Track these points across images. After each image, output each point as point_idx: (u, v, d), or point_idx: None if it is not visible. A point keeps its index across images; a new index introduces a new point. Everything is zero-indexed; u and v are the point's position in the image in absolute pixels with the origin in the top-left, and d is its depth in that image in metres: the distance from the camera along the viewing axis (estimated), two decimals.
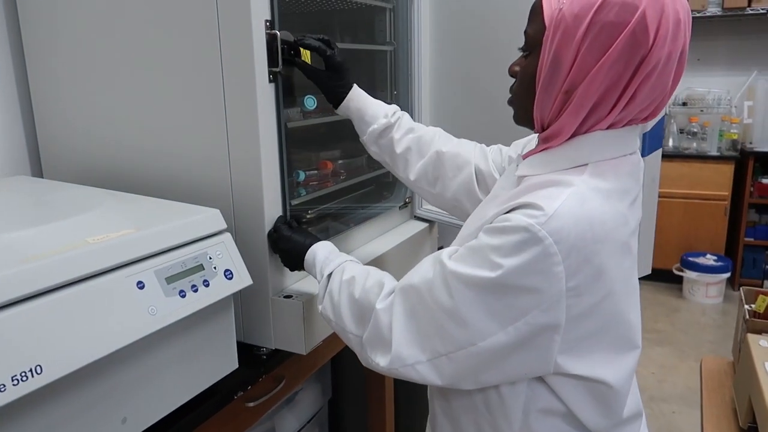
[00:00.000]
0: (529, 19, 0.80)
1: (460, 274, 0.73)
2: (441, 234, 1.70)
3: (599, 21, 0.69)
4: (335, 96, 1.12)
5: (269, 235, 1.07)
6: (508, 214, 0.72)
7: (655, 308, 3.76)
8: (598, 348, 0.74)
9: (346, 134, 1.75)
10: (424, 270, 0.80)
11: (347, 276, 0.92)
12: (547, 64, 0.74)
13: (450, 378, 0.77)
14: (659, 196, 3.86)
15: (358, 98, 1.12)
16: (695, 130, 4.06)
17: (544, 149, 0.79)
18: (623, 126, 0.76)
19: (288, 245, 1.04)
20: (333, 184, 1.36)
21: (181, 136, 1.11)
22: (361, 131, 1.14)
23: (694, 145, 4.04)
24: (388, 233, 1.50)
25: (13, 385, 0.64)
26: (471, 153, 1.12)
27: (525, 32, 0.80)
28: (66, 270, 0.72)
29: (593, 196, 0.72)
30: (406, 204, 1.57)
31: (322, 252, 1.00)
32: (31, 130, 1.32)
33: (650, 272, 1.28)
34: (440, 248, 1.74)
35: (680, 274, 3.91)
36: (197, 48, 1.04)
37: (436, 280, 0.76)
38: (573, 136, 0.76)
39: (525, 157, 0.83)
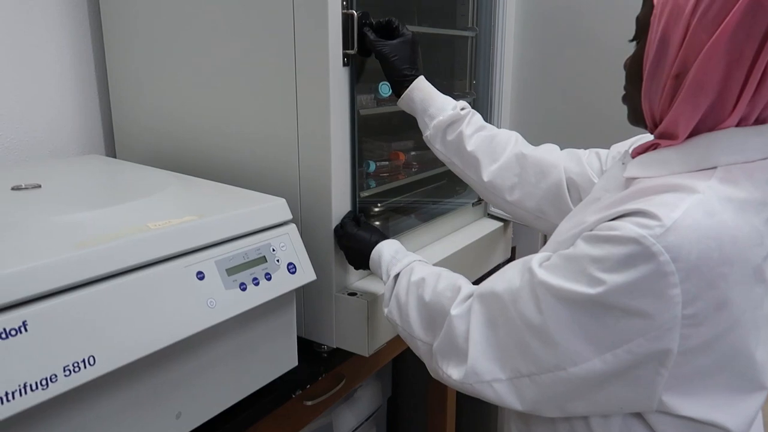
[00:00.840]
0: (642, 4, 0.69)
1: (551, 286, 0.63)
2: (515, 234, 1.60)
3: None
4: (401, 83, 1.02)
5: (335, 230, 1.01)
6: (614, 222, 0.61)
7: None
8: (713, 387, 0.63)
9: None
10: (509, 276, 0.70)
11: (416, 277, 0.85)
12: (654, 46, 0.64)
13: (531, 403, 0.68)
14: None
15: (424, 88, 1.02)
16: None
17: (660, 147, 0.68)
18: (759, 120, 0.63)
19: (352, 242, 0.98)
20: (404, 177, 1.29)
21: (251, 120, 1.07)
22: (425, 125, 1.04)
23: None
24: (459, 231, 1.41)
25: (65, 375, 0.61)
26: (558, 156, 1.00)
27: (636, 18, 0.70)
28: (124, 256, 0.69)
29: (724, 207, 0.60)
30: (479, 201, 1.48)
31: (388, 251, 0.93)
32: (107, 110, 1.32)
33: None
34: (513, 249, 1.64)
35: None
36: (270, 28, 0.99)
37: (523, 290, 0.67)
38: (696, 132, 0.64)
39: (635, 155, 0.71)
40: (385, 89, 1.15)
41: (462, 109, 1.02)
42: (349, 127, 1.00)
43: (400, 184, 1.27)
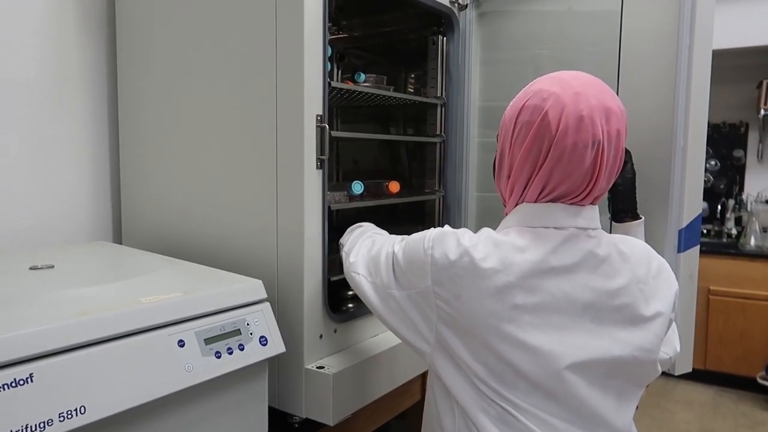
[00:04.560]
0: None
1: (397, 251, 1.01)
2: None
3: (520, 121, 0.92)
4: (625, 213, 1.20)
5: None
6: None
7: (736, 419, 3.46)
8: (476, 354, 0.90)
9: (395, 218, 1.85)
10: (397, 239, 1.07)
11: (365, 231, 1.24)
12: (498, 156, 0.99)
13: (370, 296, 1.03)
14: (741, 297, 3.66)
15: (639, 233, 1.18)
16: None
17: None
18: (548, 201, 0.92)
19: None
20: None
21: (240, 213, 1.24)
22: None
23: None
24: None
25: (60, 421, 0.73)
26: None
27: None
28: (117, 324, 0.83)
29: (482, 241, 0.90)
30: None
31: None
32: (117, 203, 1.51)
33: (690, 370, 1.24)
34: None
35: (765, 383, 3.60)
36: (258, 137, 1.18)
37: (393, 243, 1.04)
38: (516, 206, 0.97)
39: None
40: (357, 187, 1.33)
41: None
42: (321, 219, 1.17)
43: None
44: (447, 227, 0.96)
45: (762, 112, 3.95)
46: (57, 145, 1.42)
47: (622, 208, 1.19)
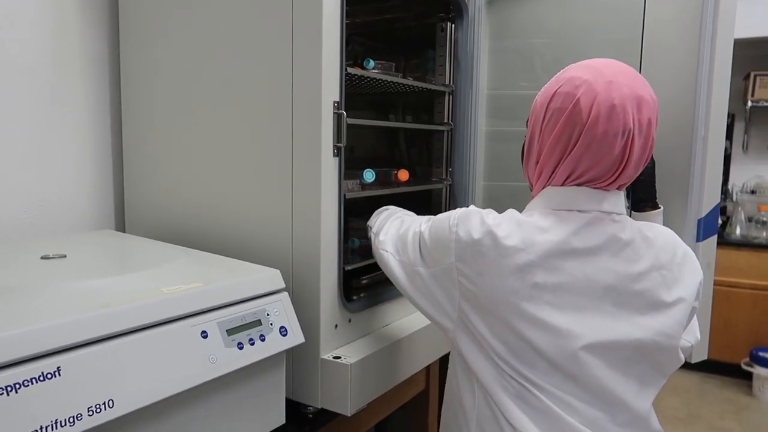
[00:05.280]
0: None
1: (423, 230, 1.03)
2: None
3: (552, 107, 0.92)
4: (645, 203, 1.23)
5: None
6: None
7: (721, 405, 3.53)
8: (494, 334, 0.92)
9: (403, 206, 1.83)
10: (425, 219, 1.09)
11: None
12: (527, 141, 0.99)
13: (396, 272, 1.06)
14: (726, 286, 3.72)
15: (656, 221, 1.19)
16: (764, 218, 3.93)
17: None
18: (574, 185, 0.93)
19: None
20: None
21: (252, 201, 1.21)
22: None
23: (764, 234, 3.90)
24: None
25: (89, 415, 0.71)
26: None
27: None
28: (141, 315, 0.81)
29: (506, 220, 0.92)
30: None
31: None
32: (120, 190, 1.47)
33: (706, 358, 1.26)
34: None
35: (749, 369, 3.68)
36: (272, 123, 1.16)
37: (421, 223, 1.06)
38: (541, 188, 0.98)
39: None
40: (369, 176, 1.31)
41: None
42: (337, 208, 1.15)
43: None
44: (473, 207, 0.98)
45: (749, 103, 4.00)
46: (57, 132, 1.37)
47: (642, 197, 1.19)
